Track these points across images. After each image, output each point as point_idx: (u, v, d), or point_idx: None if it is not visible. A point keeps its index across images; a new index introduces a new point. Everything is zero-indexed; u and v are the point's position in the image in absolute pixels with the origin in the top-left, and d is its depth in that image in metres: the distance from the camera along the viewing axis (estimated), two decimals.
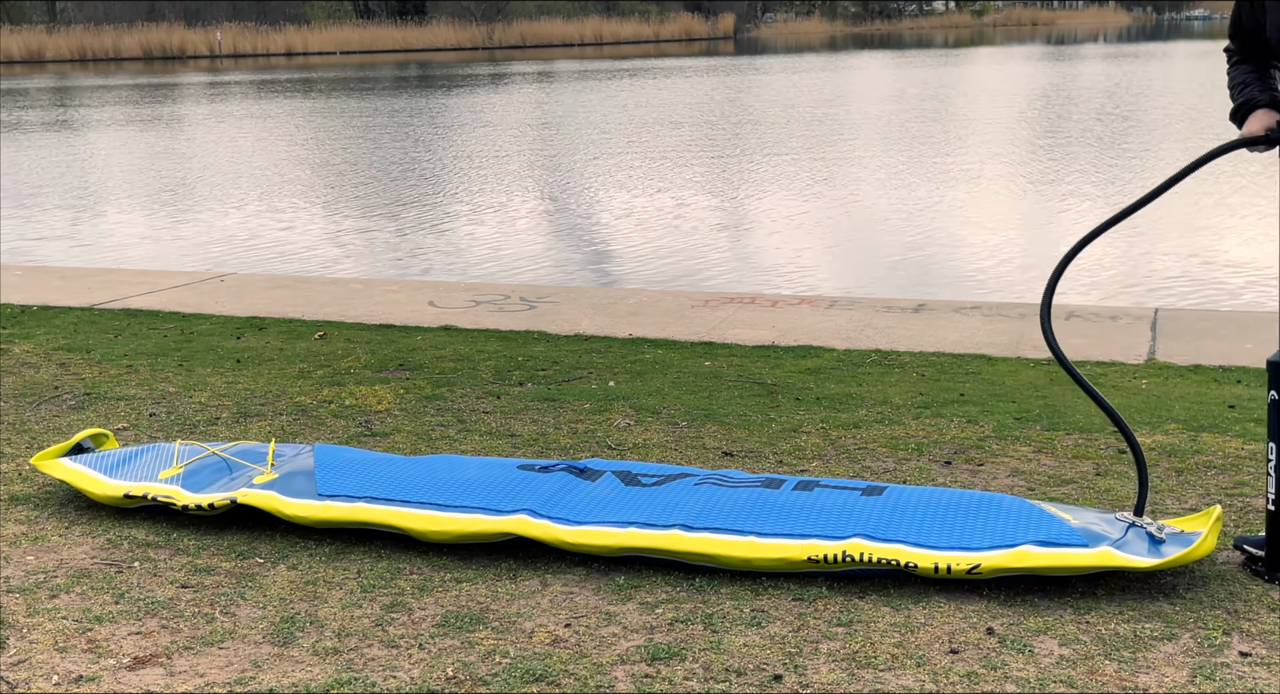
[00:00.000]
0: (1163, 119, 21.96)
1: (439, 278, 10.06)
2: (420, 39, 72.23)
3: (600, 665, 3.09)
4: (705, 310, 7.64)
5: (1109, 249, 10.54)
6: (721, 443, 4.84)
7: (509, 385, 5.80)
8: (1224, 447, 4.67)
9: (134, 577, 3.65)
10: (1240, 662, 3.06)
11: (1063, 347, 6.47)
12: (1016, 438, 4.83)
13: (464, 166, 18.02)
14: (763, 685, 2.98)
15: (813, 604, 3.40)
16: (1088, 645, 3.15)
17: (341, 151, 20.52)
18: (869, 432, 4.95)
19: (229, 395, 5.65)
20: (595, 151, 19.54)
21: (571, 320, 7.39)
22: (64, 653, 3.19)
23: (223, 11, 72.83)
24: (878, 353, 6.44)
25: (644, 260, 10.83)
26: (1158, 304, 8.21)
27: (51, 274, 9.52)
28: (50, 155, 21.12)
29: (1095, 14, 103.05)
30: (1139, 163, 16.18)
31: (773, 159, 17.83)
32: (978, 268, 10.13)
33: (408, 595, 3.50)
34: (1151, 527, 3.55)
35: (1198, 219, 11.91)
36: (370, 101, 31.85)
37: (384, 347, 6.69)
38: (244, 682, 3.03)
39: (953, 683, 2.98)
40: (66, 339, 6.91)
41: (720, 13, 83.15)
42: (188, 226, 13.46)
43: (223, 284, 8.86)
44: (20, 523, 4.08)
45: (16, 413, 5.36)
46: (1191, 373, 5.96)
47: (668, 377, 5.94)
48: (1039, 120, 23.15)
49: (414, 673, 3.06)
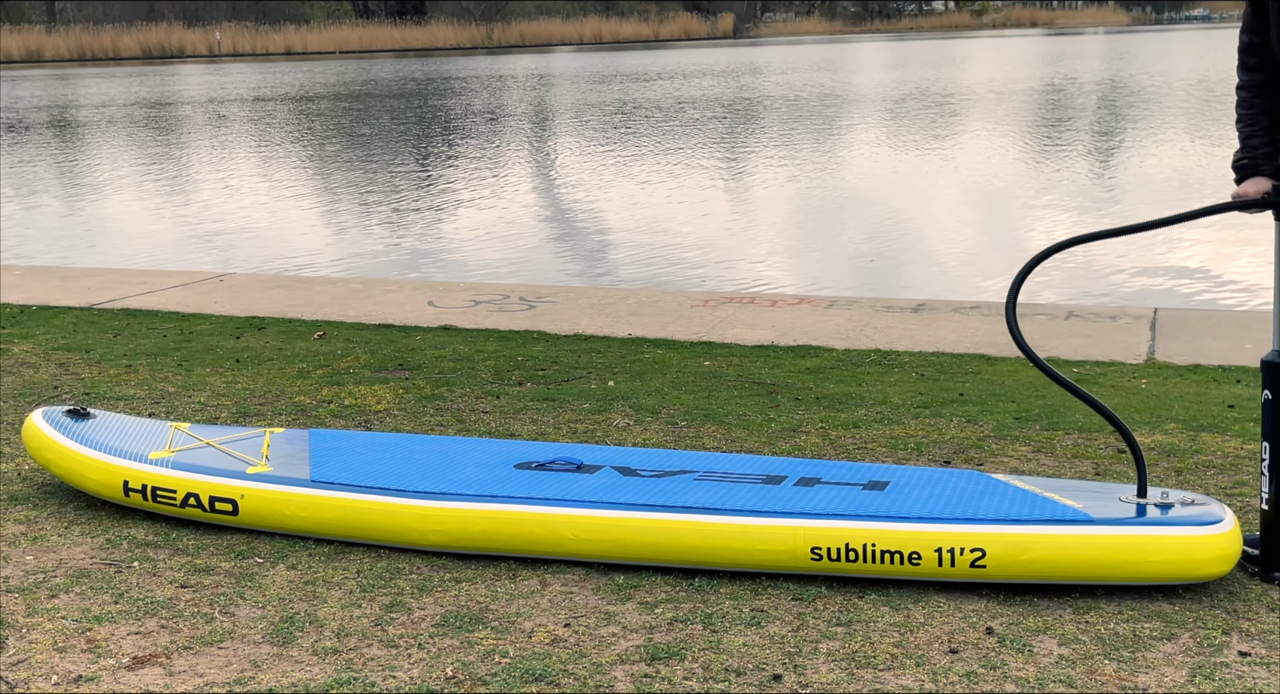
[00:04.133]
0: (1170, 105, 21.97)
1: (439, 278, 10.06)
2: (419, 38, 72.26)
3: (600, 665, 3.09)
4: (705, 310, 7.64)
5: (1109, 249, 10.54)
6: (721, 443, 4.84)
7: (508, 385, 5.80)
8: (1224, 446, 4.67)
9: (133, 576, 3.65)
10: (1240, 661, 3.06)
11: (1062, 346, 6.50)
12: (1016, 438, 4.83)
13: (464, 166, 18.02)
14: (762, 685, 2.98)
15: (812, 604, 3.40)
16: (1087, 645, 3.15)
17: (341, 151, 20.52)
18: (868, 431, 4.95)
19: (228, 395, 5.65)
20: (595, 151, 19.54)
21: (571, 320, 7.39)
22: (63, 653, 3.19)
23: (222, 11, 72.83)
24: (877, 353, 6.44)
25: (644, 260, 10.83)
26: (1158, 304, 8.21)
27: (51, 274, 9.52)
28: (50, 155, 21.11)
29: (1095, 14, 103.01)
30: (1142, 161, 16.18)
31: (773, 158, 17.83)
32: (978, 266, 10.14)
33: (407, 595, 3.50)
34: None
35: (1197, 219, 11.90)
36: (370, 101, 31.85)
37: (383, 346, 6.69)
38: (243, 682, 3.03)
39: (952, 683, 2.98)
40: (66, 339, 6.91)
41: (720, 12, 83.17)
42: (187, 226, 13.46)
43: (222, 284, 8.86)
44: (20, 523, 4.08)
45: (16, 413, 5.36)
46: (1191, 372, 5.96)
47: (667, 376, 5.94)
48: (1048, 114, 23.15)
49: (413, 673, 3.06)
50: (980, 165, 16.47)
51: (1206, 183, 13.76)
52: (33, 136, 24.74)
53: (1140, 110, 23.70)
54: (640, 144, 20.28)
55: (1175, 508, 3.51)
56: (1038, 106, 25.60)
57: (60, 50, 66.26)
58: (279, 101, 32.53)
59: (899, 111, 25.35)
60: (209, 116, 28.36)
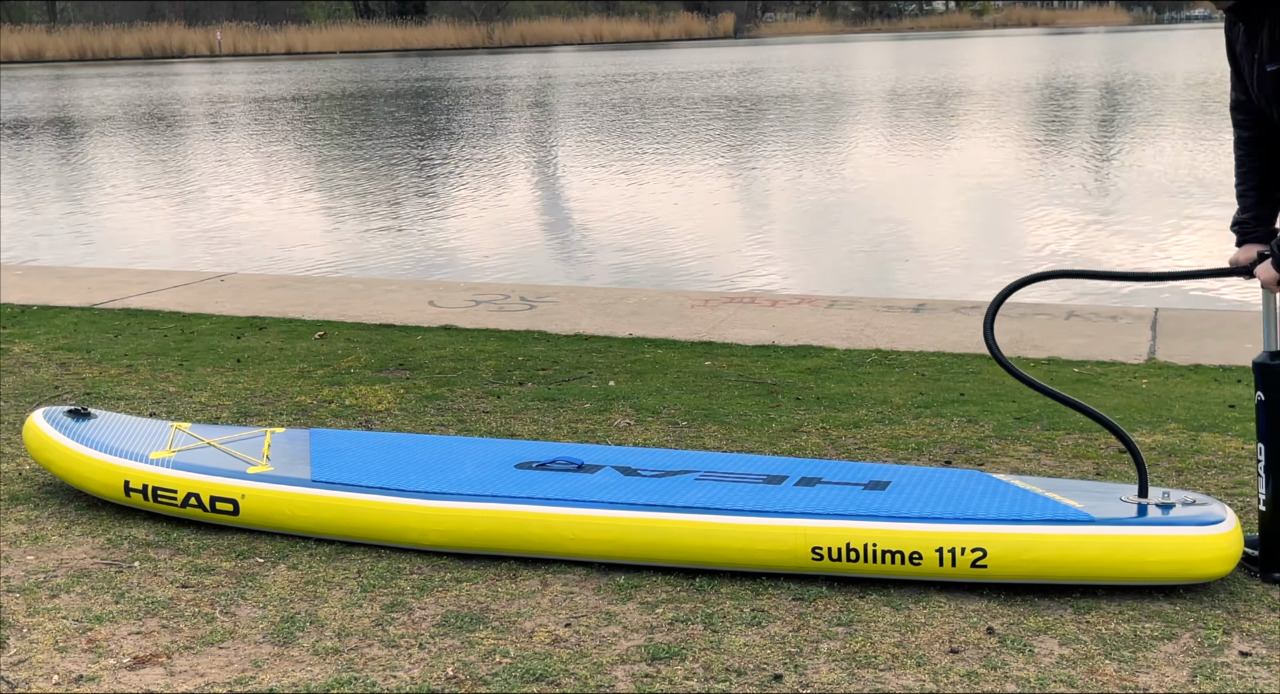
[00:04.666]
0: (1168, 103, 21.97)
1: (439, 277, 10.06)
2: (420, 38, 72.30)
3: (600, 665, 3.09)
4: (705, 310, 7.64)
5: (1109, 248, 10.55)
6: (721, 443, 4.84)
7: (509, 385, 5.80)
8: (1224, 446, 4.68)
9: (134, 576, 3.65)
10: (1240, 661, 3.06)
11: (1063, 346, 6.50)
12: (1016, 437, 4.83)
13: (464, 166, 18.02)
14: (763, 685, 2.98)
15: (813, 604, 3.40)
16: (1088, 645, 3.15)
17: (341, 151, 20.52)
18: (869, 431, 4.95)
19: (229, 395, 5.65)
20: (595, 150, 19.54)
21: (571, 320, 7.39)
22: (64, 653, 3.19)
23: (222, 11, 72.85)
24: (878, 352, 6.44)
25: (644, 260, 10.83)
26: (1158, 304, 8.20)
27: (51, 274, 9.52)
28: (50, 154, 21.12)
29: (1095, 13, 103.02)
30: (1144, 159, 16.19)
31: (773, 159, 17.83)
32: (979, 266, 10.13)
33: (408, 595, 3.50)
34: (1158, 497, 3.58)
35: (1199, 218, 11.91)
36: (369, 102, 31.85)
37: (384, 346, 6.69)
38: (244, 681, 3.03)
39: (953, 683, 2.98)
40: (66, 339, 6.91)
41: (720, 12, 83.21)
42: (187, 226, 13.46)
43: (223, 284, 8.87)
44: (20, 523, 4.08)
45: (17, 413, 5.36)
46: (1191, 372, 5.96)
47: (668, 376, 5.94)
48: (1048, 114, 23.15)
49: (414, 673, 3.06)
50: (981, 166, 16.47)
51: (1205, 184, 13.74)
52: (32, 136, 24.74)
53: (1141, 110, 23.70)
54: (641, 143, 20.28)
55: (1176, 508, 3.50)
56: (1038, 107, 25.60)
57: (61, 50, 66.29)
58: (279, 101, 32.54)
59: (899, 112, 25.35)
60: (209, 116, 28.37)
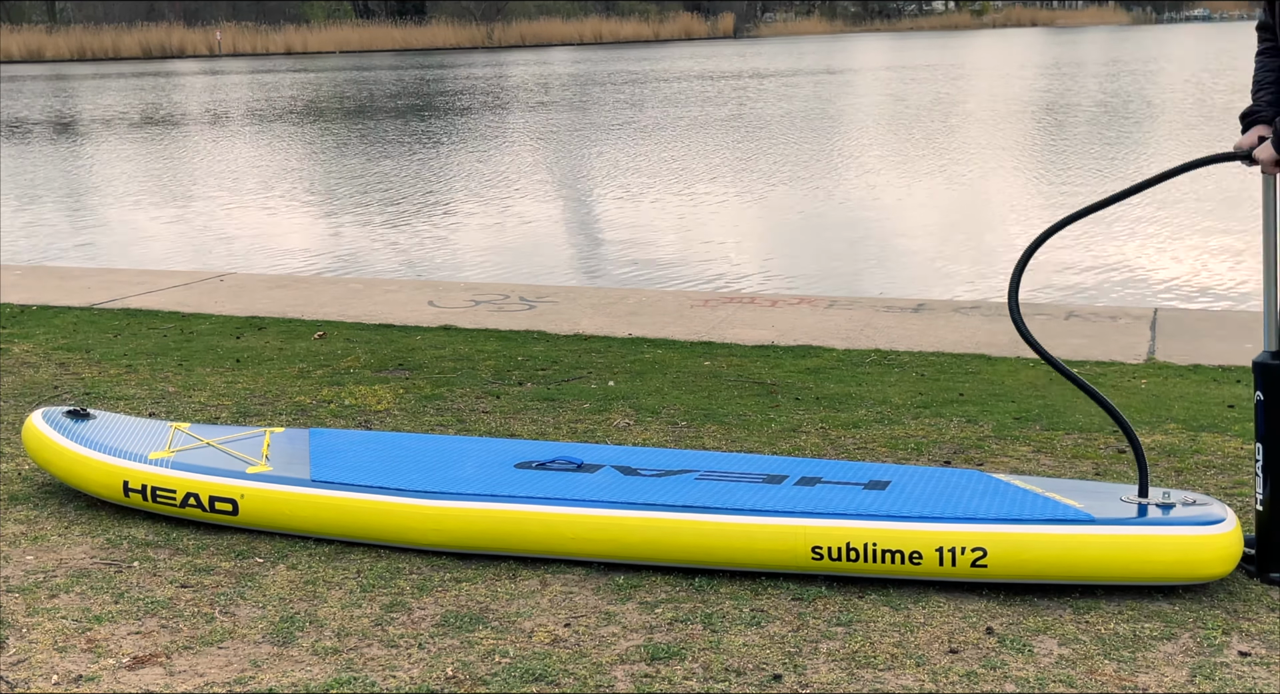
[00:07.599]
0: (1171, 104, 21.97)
1: (439, 277, 10.06)
2: (420, 38, 72.29)
3: (600, 665, 3.09)
4: (705, 310, 7.64)
5: (1109, 249, 10.55)
6: (722, 443, 4.84)
7: (509, 385, 5.80)
8: (1224, 446, 4.68)
9: (134, 576, 3.65)
10: (1240, 661, 3.07)
11: (1062, 346, 6.50)
12: (1016, 438, 4.83)
13: (463, 165, 18.02)
14: (762, 685, 2.98)
15: (812, 604, 3.40)
16: (1087, 645, 3.15)
17: (341, 150, 20.52)
18: (868, 431, 4.95)
19: (228, 395, 5.65)
20: (595, 150, 19.54)
21: (571, 320, 7.39)
22: (64, 653, 3.19)
23: (222, 11, 72.84)
24: (877, 353, 6.44)
25: (644, 260, 10.83)
26: (1158, 304, 8.21)
27: (51, 274, 9.52)
28: (49, 154, 21.11)
29: (1095, 13, 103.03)
30: (1143, 154, 16.18)
31: (772, 158, 17.83)
32: (978, 266, 10.14)
33: (407, 595, 3.50)
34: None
35: (1198, 218, 11.91)
36: (370, 101, 31.86)
37: (384, 346, 6.69)
38: (244, 681, 3.03)
39: (952, 683, 2.98)
40: (66, 339, 6.91)
41: (720, 12, 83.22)
42: (187, 226, 13.46)
43: (222, 284, 8.86)
44: (20, 523, 4.08)
45: (16, 413, 5.36)
46: (1191, 372, 5.96)
47: (667, 376, 5.94)
48: (1049, 113, 23.15)
49: (414, 673, 3.06)
50: (981, 164, 16.47)
51: (1207, 181, 13.75)
52: (32, 136, 24.74)
53: (1141, 110, 23.70)
54: (641, 143, 20.28)
55: (1177, 508, 3.50)
56: (1039, 106, 25.59)
57: (60, 50, 66.26)
58: (279, 101, 32.54)
59: (900, 111, 25.35)
60: (209, 116, 28.36)
